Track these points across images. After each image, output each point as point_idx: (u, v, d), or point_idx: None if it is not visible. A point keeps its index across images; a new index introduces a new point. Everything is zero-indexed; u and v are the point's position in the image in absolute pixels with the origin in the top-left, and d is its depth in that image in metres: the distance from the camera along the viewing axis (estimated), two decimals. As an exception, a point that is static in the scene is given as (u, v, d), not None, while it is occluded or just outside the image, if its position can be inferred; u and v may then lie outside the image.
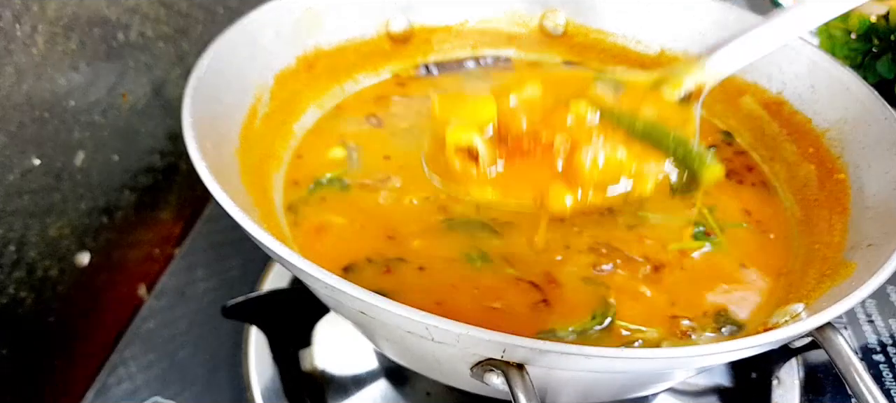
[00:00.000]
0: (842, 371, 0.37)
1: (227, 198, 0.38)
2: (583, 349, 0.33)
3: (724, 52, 0.50)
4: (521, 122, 0.47)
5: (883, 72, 0.77)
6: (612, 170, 0.44)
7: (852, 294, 0.37)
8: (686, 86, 0.50)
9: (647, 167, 0.44)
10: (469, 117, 0.47)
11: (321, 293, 0.39)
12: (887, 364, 0.60)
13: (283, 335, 0.57)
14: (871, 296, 0.56)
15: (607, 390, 0.45)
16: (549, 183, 0.45)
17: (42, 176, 0.59)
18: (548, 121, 0.47)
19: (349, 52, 0.65)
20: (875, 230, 0.46)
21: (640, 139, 0.45)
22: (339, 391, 0.57)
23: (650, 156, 0.45)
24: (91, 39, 0.63)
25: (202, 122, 0.45)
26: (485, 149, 0.46)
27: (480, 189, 0.46)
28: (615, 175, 0.44)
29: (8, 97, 0.54)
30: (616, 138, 0.45)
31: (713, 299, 0.48)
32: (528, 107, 0.49)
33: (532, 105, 0.49)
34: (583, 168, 0.44)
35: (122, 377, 0.58)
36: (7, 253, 0.56)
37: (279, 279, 0.65)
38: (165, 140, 0.77)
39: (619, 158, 0.44)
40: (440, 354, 0.38)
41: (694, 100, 0.50)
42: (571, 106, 0.47)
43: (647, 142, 0.45)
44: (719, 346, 0.36)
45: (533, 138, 0.46)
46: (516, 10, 0.71)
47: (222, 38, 0.52)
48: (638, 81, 0.51)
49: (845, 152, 0.54)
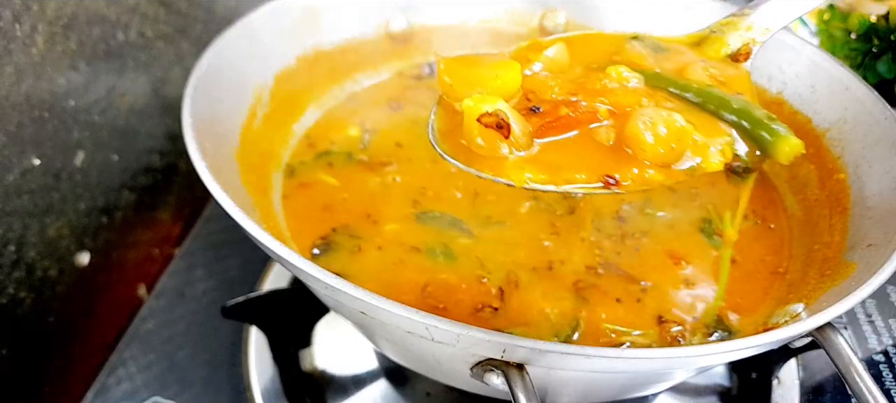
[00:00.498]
0: (842, 371, 0.37)
1: (226, 198, 0.38)
2: (584, 349, 0.33)
3: (769, 6, 0.44)
4: (553, 89, 0.39)
5: (883, 72, 0.77)
6: (676, 141, 0.36)
7: (852, 294, 0.37)
8: (732, 45, 0.43)
9: (711, 138, 0.36)
10: (489, 85, 0.38)
11: (321, 293, 0.39)
12: (887, 364, 0.60)
13: (283, 335, 0.57)
14: (871, 296, 0.56)
15: (607, 390, 0.45)
16: (606, 158, 0.37)
17: (41, 175, 0.59)
18: (585, 85, 0.39)
19: (349, 52, 0.65)
20: (875, 230, 0.46)
21: (695, 106, 0.37)
22: (339, 391, 0.57)
23: (711, 125, 0.37)
24: (90, 39, 0.63)
25: (202, 122, 0.45)
26: (518, 122, 0.37)
27: (518, 170, 0.37)
28: (680, 147, 0.36)
29: (7, 97, 0.54)
30: (669, 105, 0.37)
31: (704, 305, 0.47)
32: (557, 71, 0.41)
33: (560, 69, 0.41)
34: (641, 139, 0.36)
35: (121, 377, 0.58)
36: (6, 253, 0.56)
37: (279, 279, 0.65)
38: (165, 140, 0.77)
39: (680, 126, 0.36)
40: (440, 354, 0.38)
41: (743, 60, 0.43)
42: (609, 70, 0.39)
43: (705, 109, 0.38)
44: (719, 346, 0.36)
45: (570, 107, 0.38)
46: (516, 10, 0.71)
47: (222, 38, 0.52)
48: (676, 39, 0.45)
49: (845, 152, 0.54)
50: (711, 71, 0.41)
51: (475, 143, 0.37)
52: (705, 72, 0.41)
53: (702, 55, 0.43)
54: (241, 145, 0.50)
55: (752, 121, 0.37)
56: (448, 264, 0.47)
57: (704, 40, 0.45)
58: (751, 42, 0.44)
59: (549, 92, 0.39)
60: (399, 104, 0.65)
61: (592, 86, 0.39)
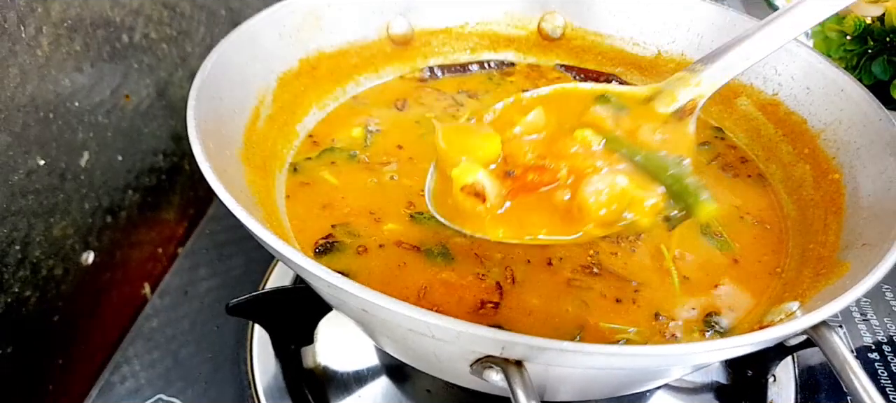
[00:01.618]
0: (837, 369, 0.37)
1: (230, 198, 0.39)
2: (582, 346, 0.33)
3: (720, 64, 0.49)
4: (527, 154, 0.48)
5: (878, 73, 0.77)
6: (614, 204, 0.44)
7: (847, 292, 0.38)
8: (680, 101, 0.49)
9: (648, 197, 0.44)
10: (474, 153, 0.47)
11: (324, 291, 0.39)
12: (882, 362, 0.61)
13: (286, 333, 0.58)
14: (866, 295, 0.57)
15: (605, 386, 0.45)
16: (560, 218, 0.46)
17: (46, 176, 0.60)
18: (553, 149, 0.48)
19: (350, 54, 0.66)
20: (870, 230, 0.47)
21: (641, 167, 0.45)
22: (340, 388, 0.57)
23: (650, 186, 0.44)
24: (95, 41, 0.64)
25: (206, 123, 0.46)
26: (493, 188, 0.46)
27: (493, 227, 0.46)
28: (620, 207, 0.44)
29: (12, 98, 0.55)
30: (619, 168, 0.45)
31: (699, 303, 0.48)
32: (534, 130, 0.49)
33: (537, 129, 0.49)
34: (587, 205, 0.44)
35: (125, 375, 0.58)
36: (12, 253, 0.57)
37: (282, 277, 0.66)
38: (169, 141, 0.78)
39: (620, 190, 0.44)
40: (440, 351, 0.39)
41: (689, 115, 0.49)
42: (576, 135, 0.47)
43: (648, 171, 0.45)
44: (715, 343, 0.36)
45: (539, 171, 0.47)
46: (515, 13, 0.72)
47: (226, 40, 0.53)
48: (634, 95, 0.51)
49: (840, 153, 0.54)
50: (657, 137, 0.48)
51: (461, 204, 0.47)
52: (653, 135, 0.48)
53: (650, 110, 0.50)
54: (244, 146, 0.51)
55: (680, 187, 0.44)
56: (446, 263, 0.50)
57: (658, 94, 0.50)
58: (698, 97, 0.49)
59: (523, 156, 0.48)
60: (403, 104, 0.66)
61: (559, 150, 0.47)
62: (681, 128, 0.49)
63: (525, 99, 0.52)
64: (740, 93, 0.64)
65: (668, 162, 0.45)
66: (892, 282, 0.68)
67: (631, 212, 0.44)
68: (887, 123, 0.52)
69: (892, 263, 0.40)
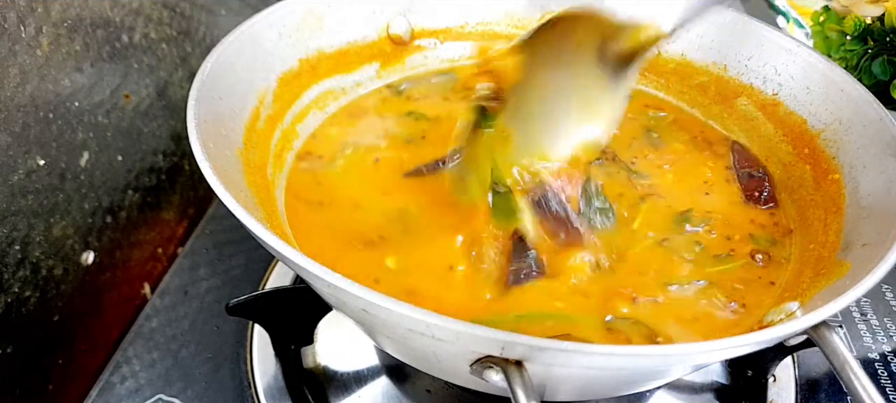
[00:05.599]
0: (837, 369, 0.37)
1: (230, 198, 0.39)
2: (582, 346, 0.33)
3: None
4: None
5: (878, 73, 0.77)
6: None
7: (847, 292, 0.38)
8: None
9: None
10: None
11: (323, 291, 0.40)
12: (882, 362, 0.61)
13: (286, 333, 0.58)
14: (866, 296, 0.57)
15: (605, 386, 0.46)
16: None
17: (46, 176, 0.60)
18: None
19: (350, 54, 0.66)
20: (870, 230, 0.47)
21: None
22: (340, 388, 0.58)
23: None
24: (95, 41, 0.64)
25: (206, 123, 0.46)
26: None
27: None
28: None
29: (12, 98, 0.55)
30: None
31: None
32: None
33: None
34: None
35: (125, 375, 0.58)
36: (11, 253, 0.57)
37: (282, 278, 0.66)
38: (169, 141, 0.78)
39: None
40: (440, 351, 0.39)
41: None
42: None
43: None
44: (715, 343, 0.36)
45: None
46: (515, 13, 0.72)
47: (226, 40, 0.53)
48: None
49: (840, 153, 0.54)
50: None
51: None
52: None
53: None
54: (244, 146, 0.51)
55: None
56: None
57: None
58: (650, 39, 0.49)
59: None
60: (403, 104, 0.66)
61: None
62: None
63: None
64: (740, 93, 0.64)
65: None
66: (892, 282, 0.68)
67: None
68: (887, 123, 0.52)
69: (892, 263, 0.40)
